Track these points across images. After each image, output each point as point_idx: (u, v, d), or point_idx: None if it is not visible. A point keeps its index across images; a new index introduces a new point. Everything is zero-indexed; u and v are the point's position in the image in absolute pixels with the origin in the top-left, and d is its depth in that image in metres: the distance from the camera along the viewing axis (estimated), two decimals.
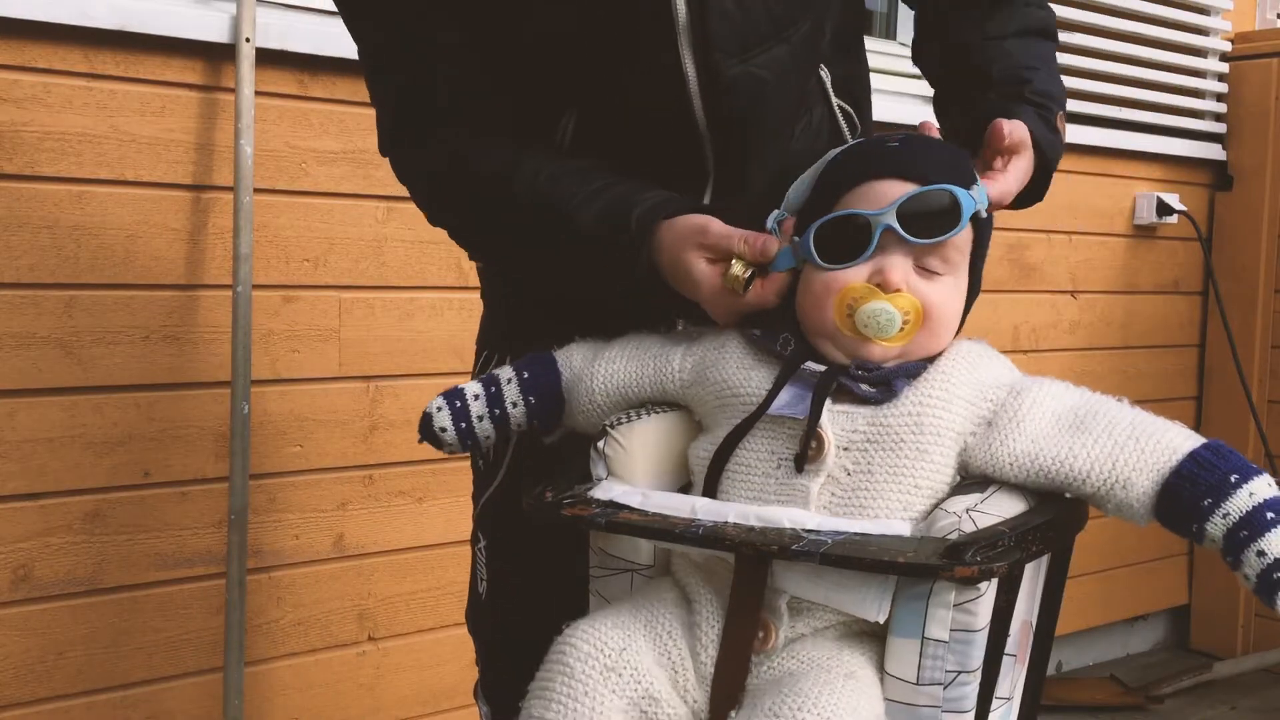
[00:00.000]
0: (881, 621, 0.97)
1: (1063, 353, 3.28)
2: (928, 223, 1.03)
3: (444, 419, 1.18)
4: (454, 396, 1.18)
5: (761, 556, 0.96)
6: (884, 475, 1.00)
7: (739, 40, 1.18)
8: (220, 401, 2.05)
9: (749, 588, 0.99)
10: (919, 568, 0.92)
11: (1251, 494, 0.93)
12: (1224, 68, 3.59)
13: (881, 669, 0.98)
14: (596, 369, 1.15)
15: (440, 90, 1.23)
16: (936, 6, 1.36)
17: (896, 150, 1.07)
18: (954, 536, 0.94)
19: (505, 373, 1.19)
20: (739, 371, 1.07)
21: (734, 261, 1.08)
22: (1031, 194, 1.23)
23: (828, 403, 1.01)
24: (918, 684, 0.95)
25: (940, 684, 0.95)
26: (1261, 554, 0.91)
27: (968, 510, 0.96)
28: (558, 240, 1.19)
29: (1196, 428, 3.67)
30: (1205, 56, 3.59)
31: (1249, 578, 0.92)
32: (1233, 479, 0.94)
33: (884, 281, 1.02)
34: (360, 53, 1.28)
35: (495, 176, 1.21)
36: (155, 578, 2.03)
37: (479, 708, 1.44)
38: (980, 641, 0.95)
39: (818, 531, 0.96)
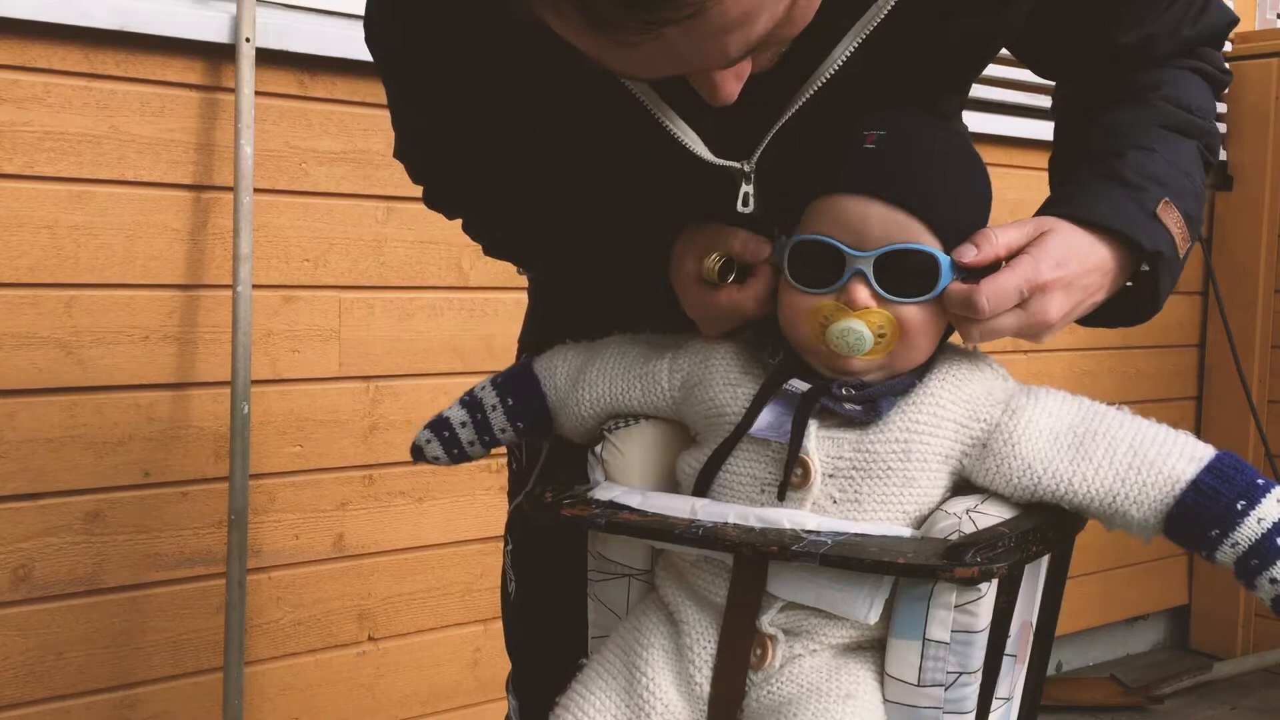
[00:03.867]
0: (871, 623, 0.96)
1: (1063, 353, 3.28)
2: (903, 281, 0.96)
3: (435, 449, 1.19)
4: (441, 427, 1.18)
5: (761, 557, 0.96)
6: (872, 504, 0.97)
7: None
8: (220, 401, 2.05)
9: (747, 589, 0.99)
10: (919, 568, 0.92)
11: (1260, 520, 0.91)
12: None
13: (882, 672, 0.98)
14: (582, 393, 1.12)
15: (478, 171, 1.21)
16: (1068, 93, 1.22)
17: (873, 157, 0.97)
18: (954, 537, 0.94)
19: (489, 398, 1.17)
20: (724, 389, 1.03)
21: (714, 253, 1.04)
22: (1129, 307, 1.08)
23: (813, 426, 0.98)
24: (919, 685, 0.95)
25: (941, 685, 0.95)
26: (1275, 581, 0.91)
27: (968, 511, 0.96)
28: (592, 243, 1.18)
29: (1196, 428, 3.66)
30: None
31: (1264, 601, 0.92)
32: (1239, 506, 0.92)
33: (849, 301, 0.96)
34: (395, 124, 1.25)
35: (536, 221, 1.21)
36: (155, 578, 2.03)
37: (508, 700, 1.45)
38: (981, 642, 0.95)
39: (818, 532, 0.96)
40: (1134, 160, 1.06)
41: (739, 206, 1.07)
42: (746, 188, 1.07)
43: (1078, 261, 1.01)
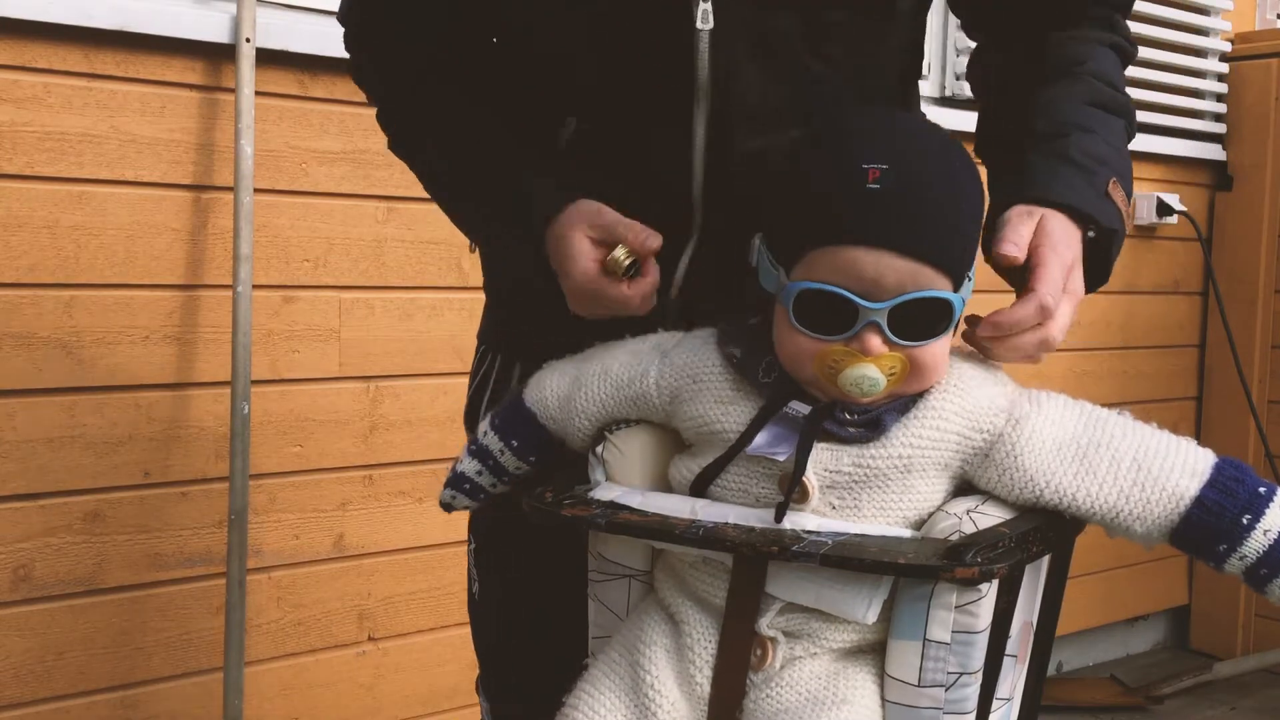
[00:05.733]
0: (870, 623, 0.96)
1: (1063, 353, 3.28)
2: (916, 325, 0.95)
3: (463, 501, 1.20)
4: (460, 482, 1.19)
5: (761, 557, 0.96)
6: (871, 510, 0.97)
7: (755, 117, 1.12)
8: (220, 401, 2.05)
9: (747, 590, 0.98)
10: (919, 569, 0.92)
11: (1266, 531, 0.92)
12: (1224, 68, 3.59)
13: (883, 672, 0.98)
14: (578, 421, 1.11)
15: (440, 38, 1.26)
16: (995, 60, 1.25)
17: (881, 201, 0.92)
18: (954, 537, 0.94)
19: (493, 444, 1.16)
20: (716, 406, 1.02)
21: (619, 247, 1.08)
22: (1090, 275, 1.09)
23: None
24: (919, 685, 0.95)
25: (942, 685, 0.95)
26: None
27: (968, 511, 0.96)
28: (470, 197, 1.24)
29: (1196, 428, 3.62)
30: (1205, 57, 3.58)
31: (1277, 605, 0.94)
32: (1244, 520, 0.92)
33: (863, 348, 0.95)
34: None
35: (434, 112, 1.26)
36: (155, 578, 2.03)
37: (480, 703, 1.45)
38: (981, 643, 0.95)
39: (817, 533, 0.96)
40: (1079, 141, 1.10)
41: (698, 24, 1.10)
42: (705, 4, 1.10)
43: (1077, 276, 1.05)
